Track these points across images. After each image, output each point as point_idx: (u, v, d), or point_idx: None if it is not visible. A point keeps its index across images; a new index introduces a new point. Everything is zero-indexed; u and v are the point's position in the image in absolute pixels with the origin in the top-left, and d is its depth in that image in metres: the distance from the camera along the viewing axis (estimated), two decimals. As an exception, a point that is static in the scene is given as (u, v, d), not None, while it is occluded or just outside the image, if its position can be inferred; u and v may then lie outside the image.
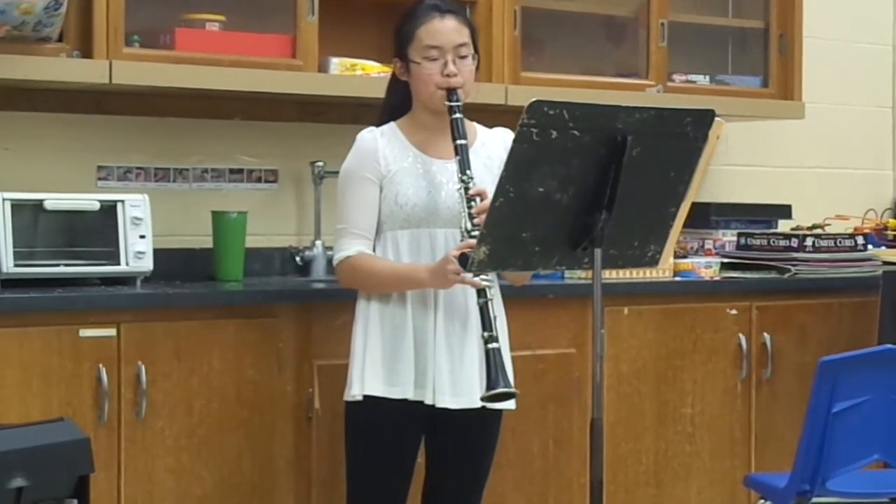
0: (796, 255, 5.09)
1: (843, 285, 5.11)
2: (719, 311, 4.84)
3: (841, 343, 4.89)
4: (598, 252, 3.39)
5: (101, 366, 3.82)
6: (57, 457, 3.36)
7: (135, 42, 4.25)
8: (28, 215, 4.05)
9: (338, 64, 4.62)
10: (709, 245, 5.30)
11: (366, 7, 4.75)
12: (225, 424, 3.99)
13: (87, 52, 4.13)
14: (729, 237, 5.32)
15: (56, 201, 4.10)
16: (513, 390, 3.54)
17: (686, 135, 3.44)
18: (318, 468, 4.09)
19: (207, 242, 4.52)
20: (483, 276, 3.52)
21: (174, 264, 4.42)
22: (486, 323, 3.52)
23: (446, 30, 3.70)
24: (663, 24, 5.16)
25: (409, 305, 3.68)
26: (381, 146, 3.73)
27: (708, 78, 5.37)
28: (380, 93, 3.91)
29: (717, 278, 4.97)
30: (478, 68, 3.80)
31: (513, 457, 4.38)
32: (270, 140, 4.78)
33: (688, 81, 5.30)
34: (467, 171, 3.60)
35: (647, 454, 4.69)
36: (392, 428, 3.70)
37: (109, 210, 4.15)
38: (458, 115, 3.65)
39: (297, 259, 4.74)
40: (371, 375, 3.67)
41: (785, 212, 5.54)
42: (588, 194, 3.35)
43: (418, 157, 3.74)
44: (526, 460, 4.44)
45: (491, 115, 3.99)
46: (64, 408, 3.75)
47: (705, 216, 5.27)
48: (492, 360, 3.50)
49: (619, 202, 3.35)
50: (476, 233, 3.46)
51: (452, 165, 3.64)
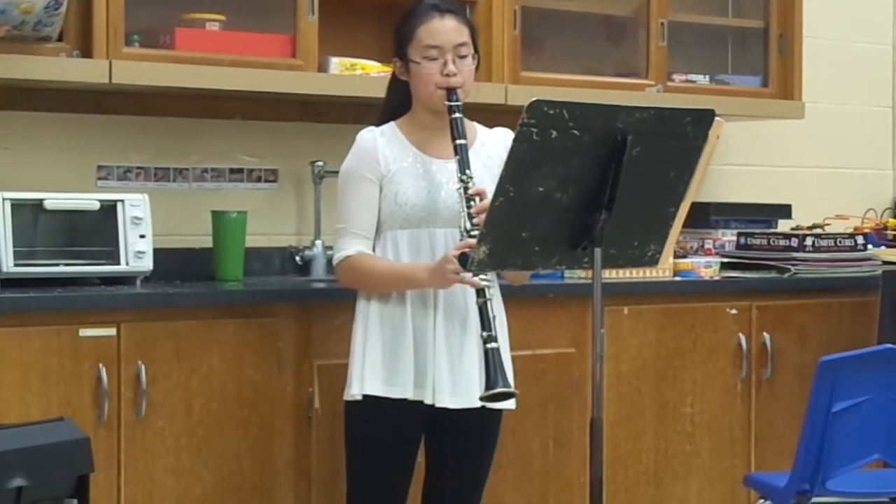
0: (796, 254, 5.09)
1: (843, 285, 5.11)
2: (719, 311, 4.84)
3: (841, 343, 4.88)
4: (597, 252, 3.39)
5: (100, 365, 3.82)
6: (57, 456, 3.35)
7: (135, 42, 4.25)
8: (28, 215, 4.05)
9: (338, 64, 4.62)
10: (709, 245, 5.29)
11: (366, 7, 4.74)
12: (225, 424, 3.99)
13: (86, 51, 4.13)
14: (729, 237, 5.31)
15: (56, 201, 4.10)
16: (512, 390, 3.53)
17: (686, 134, 3.43)
18: (318, 468, 4.09)
19: (207, 242, 4.52)
20: (482, 276, 3.52)
21: (174, 264, 4.42)
22: (485, 323, 3.52)
23: (446, 29, 3.70)
24: (663, 24, 5.16)
25: (409, 305, 3.67)
26: (380, 146, 3.73)
27: (708, 78, 5.37)
28: (380, 93, 3.91)
29: (717, 278, 4.97)
30: (478, 68, 3.80)
31: (513, 456, 4.38)
32: (270, 140, 4.78)
33: (688, 81, 5.30)
34: (467, 171, 3.60)
35: (646, 454, 4.69)
36: (392, 428, 3.70)
37: (109, 210, 4.15)
38: (457, 115, 3.65)
39: (297, 259, 4.74)
40: (371, 375, 3.66)
41: (785, 211, 5.53)
42: (588, 194, 3.35)
43: (418, 157, 3.73)
44: (526, 460, 4.44)
45: (491, 115, 3.98)
46: (64, 407, 3.75)
47: (705, 216, 5.27)
48: (491, 360, 3.49)
49: (619, 202, 3.35)
50: (475, 232, 3.46)
51: (452, 165, 3.64)
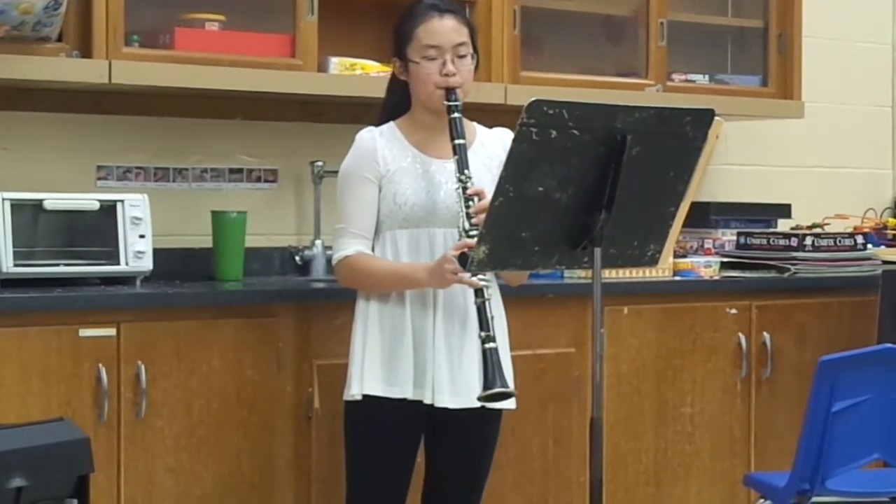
0: (796, 254, 5.09)
1: (843, 284, 5.11)
2: (719, 311, 4.84)
3: (840, 342, 4.88)
4: (597, 251, 3.39)
5: (100, 365, 3.82)
6: (57, 457, 3.35)
7: (134, 42, 4.25)
8: (28, 215, 4.05)
9: (337, 64, 4.62)
10: (708, 244, 5.29)
11: (365, 7, 4.74)
12: (225, 424, 3.99)
13: (86, 51, 4.13)
14: (728, 236, 5.31)
15: (56, 201, 4.10)
16: (510, 390, 3.53)
17: (685, 134, 3.43)
18: (318, 468, 4.09)
19: (207, 242, 4.52)
20: (481, 276, 3.52)
21: (174, 264, 4.42)
22: (483, 323, 3.51)
23: (445, 29, 3.70)
24: (662, 24, 5.16)
25: (409, 305, 3.67)
26: (380, 146, 3.72)
27: (707, 77, 5.37)
28: (379, 92, 3.91)
29: (717, 278, 4.97)
30: (477, 68, 3.79)
31: (512, 456, 4.38)
32: (270, 140, 4.78)
33: (687, 81, 5.30)
34: (465, 171, 3.60)
35: (646, 453, 4.69)
36: (392, 428, 3.69)
37: (109, 210, 4.15)
38: (456, 115, 3.65)
39: (297, 259, 4.74)
40: (370, 375, 3.66)
41: (784, 211, 5.53)
42: (588, 194, 3.35)
43: (417, 157, 3.73)
44: (525, 460, 4.44)
45: (490, 115, 3.98)
46: (64, 408, 3.75)
47: (705, 215, 5.27)
48: (489, 360, 3.49)
49: (618, 202, 3.35)
50: (474, 232, 3.46)
51: (451, 165, 3.64)
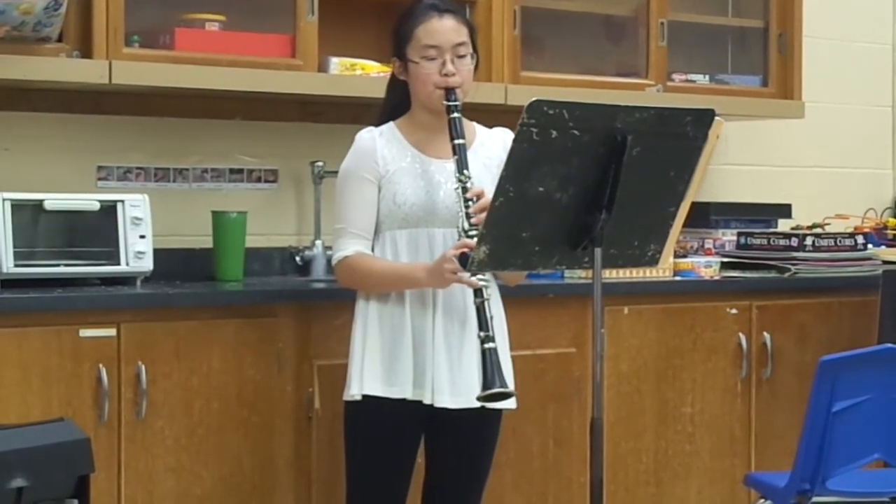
0: (796, 254, 5.09)
1: (843, 285, 5.10)
2: (719, 311, 4.84)
3: (841, 342, 4.88)
4: (598, 251, 3.39)
5: (101, 366, 3.82)
6: (57, 457, 3.35)
7: (134, 42, 4.25)
8: (28, 215, 4.05)
9: (337, 64, 4.62)
10: (709, 244, 5.29)
11: (365, 7, 4.74)
12: (225, 424, 3.99)
13: (86, 52, 4.13)
14: (729, 236, 5.31)
15: (56, 201, 4.10)
16: (509, 390, 3.52)
17: (686, 134, 3.43)
18: (318, 468, 4.09)
19: (207, 242, 4.52)
20: (480, 276, 3.51)
21: (174, 264, 4.42)
22: (483, 323, 3.51)
23: (444, 29, 3.70)
24: (663, 24, 5.16)
25: (408, 305, 3.67)
26: (379, 146, 3.72)
27: (707, 77, 5.37)
28: (379, 93, 3.91)
29: (717, 278, 4.97)
30: (477, 68, 3.79)
31: (512, 456, 4.38)
32: (270, 140, 4.78)
33: (687, 81, 5.29)
34: (465, 171, 3.59)
35: (647, 453, 4.69)
36: (391, 428, 3.69)
37: (109, 210, 4.15)
38: (456, 115, 3.65)
39: (297, 259, 4.74)
40: (370, 375, 3.66)
41: (785, 211, 5.53)
42: (588, 194, 3.35)
43: (417, 157, 3.73)
44: (526, 460, 4.44)
45: (491, 115, 3.98)
46: (64, 408, 3.75)
47: (705, 216, 5.27)
48: (488, 360, 3.49)
49: (618, 202, 3.35)
50: (473, 232, 3.47)
51: (451, 165, 3.64)
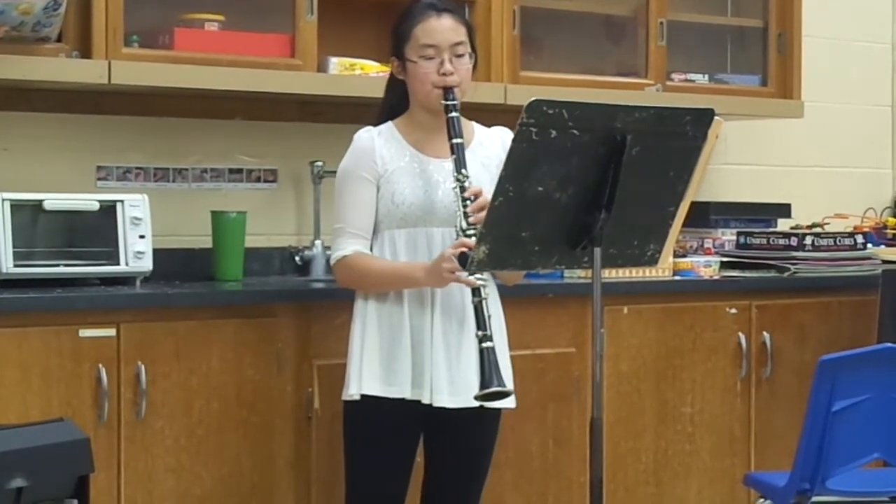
0: (796, 253, 5.09)
1: (843, 284, 5.10)
2: (719, 310, 4.84)
3: (840, 342, 4.88)
4: (597, 251, 3.39)
5: (100, 366, 3.82)
6: (57, 457, 3.35)
7: (134, 42, 4.25)
8: (27, 215, 4.05)
9: (337, 63, 4.62)
10: (708, 244, 5.29)
11: (365, 7, 4.74)
12: (224, 424, 3.99)
13: (86, 52, 4.13)
14: (728, 236, 5.31)
15: (55, 201, 4.10)
16: (507, 389, 3.52)
17: (685, 134, 3.43)
18: (318, 468, 4.09)
19: (207, 242, 4.52)
20: (478, 275, 3.51)
21: (174, 264, 4.42)
22: (480, 322, 3.50)
23: (443, 28, 3.70)
24: (662, 24, 5.16)
25: (407, 305, 3.67)
26: (377, 146, 3.72)
27: (707, 77, 5.37)
28: (379, 92, 3.91)
29: (717, 277, 4.97)
30: (475, 67, 3.79)
31: (512, 456, 4.38)
32: (270, 140, 4.78)
33: (687, 80, 5.29)
34: (463, 171, 3.59)
35: (646, 453, 4.69)
36: (390, 427, 3.69)
37: (109, 210, 4.15)
38: (454, 114, 3.64)
39: (297, 259, 4.74)
40: (369, 375, 3.66)
41: (784, 211, 5.53)
42: (587, 194, 3.35)
43: (415, 157, 3.73)
44: (525, 459, 4.44)
45: (490, 115, 3.98)
46: (64, 408, 3.75)
47: (705, 215, 5.27)
48: (486, 360, 3.49)
49: (618, 201, 3.35)
50: (471, 231, 3.47)
51: (449, 164, 3.63)
